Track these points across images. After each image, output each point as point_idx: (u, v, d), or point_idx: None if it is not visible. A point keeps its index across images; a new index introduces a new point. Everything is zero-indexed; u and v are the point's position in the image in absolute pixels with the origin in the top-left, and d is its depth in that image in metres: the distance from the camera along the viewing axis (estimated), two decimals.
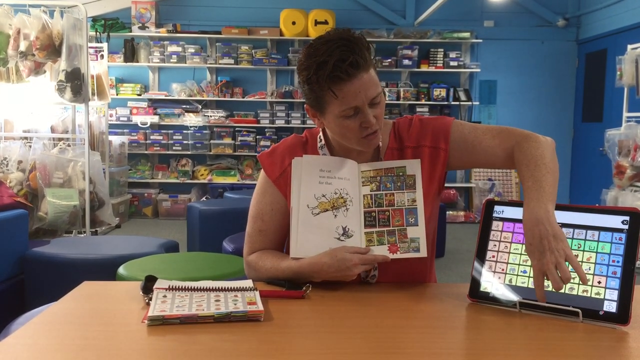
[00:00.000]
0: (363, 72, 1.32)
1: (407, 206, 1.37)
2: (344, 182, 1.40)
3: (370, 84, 1.33)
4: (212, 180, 7.01)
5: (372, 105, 1.35)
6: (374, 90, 1.34)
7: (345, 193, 1.38)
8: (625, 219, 1.19)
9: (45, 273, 2.84)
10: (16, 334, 1.04)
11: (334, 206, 1.36)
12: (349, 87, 1.31)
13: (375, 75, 1.36)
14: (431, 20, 7.13)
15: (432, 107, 7.21)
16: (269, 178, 1.50)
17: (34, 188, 4.53)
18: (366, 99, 1.33)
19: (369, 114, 1.34)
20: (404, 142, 1.48)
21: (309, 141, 1.53)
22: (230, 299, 1.19)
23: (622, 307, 1.13)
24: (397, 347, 1.02)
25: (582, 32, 7.34)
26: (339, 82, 1.30)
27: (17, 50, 4.46)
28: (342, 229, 1.33)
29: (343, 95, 1.32)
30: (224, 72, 7.30)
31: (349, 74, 1.30)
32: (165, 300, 1.18)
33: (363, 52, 1.32)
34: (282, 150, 1.52)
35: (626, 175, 4.96)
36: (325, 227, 1.36)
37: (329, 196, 1.38)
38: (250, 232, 1.51)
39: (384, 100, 1.40)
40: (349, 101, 1.32)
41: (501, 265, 1.28)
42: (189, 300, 1.18)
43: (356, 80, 1.31)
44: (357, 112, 1.34)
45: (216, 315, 1.11)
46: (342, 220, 1.36)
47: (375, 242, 1.35)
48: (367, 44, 1.34)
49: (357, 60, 1.30)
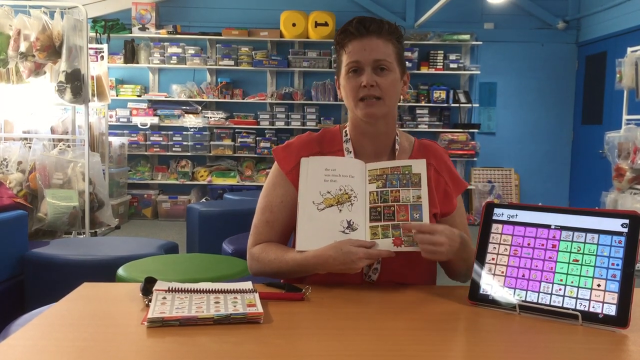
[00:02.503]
0: (374, 35, 1.43)
1: (412, 202, 1.39)
2: (349, 180, 1.43)
3: (379, 48, 1.43)
4: (211, 182, 7.01)
5: (376, 71, 1.43)
6: (379, 54, 1.43)
7: (350, 189, 1.41)
8: (625, 222, 1.19)
9: (44, 274, 2.84)
10: (16, 335, 1.04)
11: (339, 202, 1.39)
12: (356, 43, 1.44)
13: (393, 51, 1.46)
14: (431, 22, 7.13)
15: (432, 109, 7.21)
16: (282, 170, 1.51)
17: (34, 189, 4.53)
18: (369, 59, 1.42)
19: (369, 74, 1.42)
20: (430, 159, 1.52)
21: (325, 138, 1.55)
22: (229, 301, 1.19)
23: (621, 310, 1.13)
24: (396, 349, 1.02)
25: (582, 35, 7.35)
26: (348, 36, 1.45)
27: (17, 51, 4.46)
28: (347, 222, 1.36)
29: (350, 49, 1.44)
30: (224, 73, 7.31)
31: (359, 31, 1.43)
32: (165, 302, 1.18)
33: (382, 23, 1.45)
34: (297, 145, 1.54)
35: (626, 177, 4.96)
36: (330, 221, 1.38)
37: (334, 192, 1.41)
38: (256, 223, 1.52)
39: (395, 78, 1.46)
40: (353, 55, 1.43)
41: (501, 267, 1.28)
42: (189, 302, 1.18)
43: (365, 39, 1.43)
44: (361, 72, 1.44)
45: (216, 317, 1.11)
46: (346, 215, 1.38)
47: (380, 235, 1.36)
48: (395, 27, 1.48)
49: (370, 23, 1.43)
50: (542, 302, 1.20)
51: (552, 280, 1.22)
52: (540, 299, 1.21)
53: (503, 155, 7.52)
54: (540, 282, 1.22)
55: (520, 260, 1.26)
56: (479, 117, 7.46)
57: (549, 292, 1.21)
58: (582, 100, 7.35)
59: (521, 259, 1.26)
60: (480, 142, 7.33)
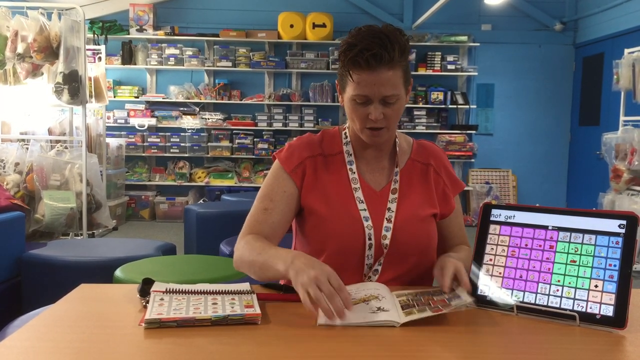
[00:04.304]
0: (385, 67, 1.34)
1: (447, 297, 1.25)
2: (374, 290, 1.30)
3: (389, 83, 1.35)
4: (209, 183, 7.00)
5: (384, 103, 1.38)
6: (389, 90, 1.36)
7: (377, 293, 1.27)
8: (622, 223, 1.20)
9: (42, 275, 2.83)
10: (13, 337, 1.04)
11: (365, 300, 1.24)
12: (366, 77, 1.35)
13: (401, 76, 1.38)
14: (429, 24, 7.14)
15: (429, 111, 7.22)
16: (286, 169, 1.49)
17: (31, 190, 4.53)
18: (378, 94, 1.36)
19: (377, 108, 1.37)
20: (430, 160, 1.53)
21: (324, 139, 1.54)
22: (227, 302, 1.19)
23: (618, 310, 1.14)
24: (394, 350, 1.02)
25: (579, 36, 7.37)
26: (357, 68, 1.35)
27: (14, 52, 4.46)
28: (376, 307, 1.19)
29: (358, 81, 1.36)
30: (221, 74, 7.30)
31: (369, 64, 1.33)
32: (163, 303, 1.17)
33: (393, 50, 1.33)
34: (298, 145, 1.53)
35: (623, 179, 4.97)
36: (357, 310, 1.18)
37: (359, 297, 1.25)
38: (253, 212, 1.48)
39: (401, 104, 1.41)
40: (362, 89, 1.36)
41: (498, 268, 1.28)
42: (186, 303, 1.18)
43: (375, 73, 1.34)
44: (368, 103, 1.38)
45: (213, 318, 1.11)
46: (375, 304, 1.22)
47: (416, 312, 1.17)
48: (404, 45, 1.37)
49: (381, 54, 1.32)
50: (540, 303, 1.21)
51: (549, 281, 1.22)
52: (537, 299, 1.21)
53: (501, 157, 7.53)
54: (538, 283, 1.23)
55: (518, 261, 1.27)
56: (476, 119, 7.47)
57: (547, 293, 1.21)
58: (579, 102, 7.36)
59: (519, 259, 1.27)
60: (477, 144, 7.34)
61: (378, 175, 1.51)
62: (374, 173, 1.51)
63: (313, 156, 1.50)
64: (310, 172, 1.48)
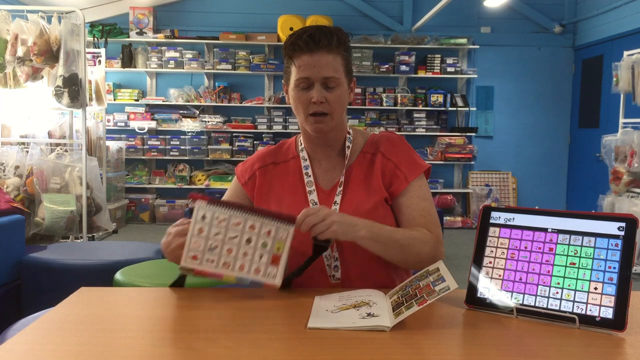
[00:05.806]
0: (324, 51, 1.44)
1: (432, 279, 1.22)
2: (365, 297, 1.30)
3: (328, 65, 1.44)
4: (209, 186, 7.01)
5: (326, 88, 1.46)
6: (329, 71, 1.44)
7: (369, 299, 1.28)
8: (622, 225, 1.20)
9: (42, 279, 2.83)
10: (13, 340, 1.04)
11: (356, 306, 1.25)
12: (306, 59, 1.44)
13: (342, 64, 1.47)
14: (428, 27, 7.16)
15: (429, 113, 7.22)
16: (239, 182, 1.61)
17: (31, 193, 4.53)
18: (319, 75, 1.44)
19: (319, 90, 1.45)
20: (380, 148, 1.56)
21: (281, 148, 1.65)
22: (259, 245, 1.30)
23: (618, 313, 1.14)
24: (392, 352, 1.02)
25: (578, 39, 7.38)
26: (297, 51, 1.45)
27: (14, 56, 4.46)
28: (367, 314, 1.19)
29: (299, 64, 1.45)
30: (221, 77, 7.32)
31: (308, 47, 1.43)
32: (203, 229, 1.29)
33: (331, 37, 1.44)
34: (252, 158, 1.65)
35: (623, 181, 4.98)
36: (346, 315, 1.20)
37: (350, 302, 1.27)
38: None
39: (343, 91, 1.48)
40: (303, 71, 1.44)
41: (498, 271, 1.28)
42: (222, 240, 1.29)
43: (315, 55, 1.44)
44: (310, 87, 1.46)
45: (237, 280, 1.28)
46: (366, 310, 1.23)
47: (404, 310, 1.18)
48: (343, 36, 1.48)
49: (319, 38, 1.43)
50: (540, 306, 1.21)
51: (549, 283, 1.22)
52: (537, 302, 1.21)
53: (500, 159, 7.53)
54: (538, 286, 1.23)
55: (518, 264, 1.27)
56: (476, 121, 7.47)
57: (546, 295, 1.21)
58: (578, 104, 7.37)
59: (518, 262, 1.27)
60: (477, 146, 7.34)
61: (330, 175, 1.56)
62: (327, 173, 1.57)
63: (264, 166, 1.60)
64: (262, 181, 1.58)
